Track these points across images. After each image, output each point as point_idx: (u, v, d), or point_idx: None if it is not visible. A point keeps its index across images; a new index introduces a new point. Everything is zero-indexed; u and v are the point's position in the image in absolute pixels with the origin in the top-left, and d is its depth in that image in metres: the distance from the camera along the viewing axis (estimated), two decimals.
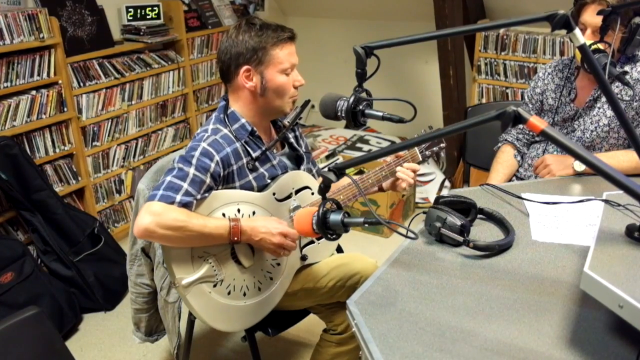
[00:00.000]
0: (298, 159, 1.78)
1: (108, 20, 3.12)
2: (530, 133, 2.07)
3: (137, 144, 3.34)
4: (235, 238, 1.46)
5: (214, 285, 1.51)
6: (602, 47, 1.62)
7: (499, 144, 2.13)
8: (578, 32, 1.02)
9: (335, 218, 1.15)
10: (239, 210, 1.53)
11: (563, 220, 1.49)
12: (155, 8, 3.33)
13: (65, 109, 2.86)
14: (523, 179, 2.02)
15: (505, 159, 2.06)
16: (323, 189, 1.18)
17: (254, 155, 1.59)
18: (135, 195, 1.73)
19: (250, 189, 1.58)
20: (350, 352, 1.72)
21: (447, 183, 3.69)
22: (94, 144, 3.08)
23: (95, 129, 3.06)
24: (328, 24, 4.42)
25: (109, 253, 2.76)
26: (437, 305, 1.17)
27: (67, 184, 2.94)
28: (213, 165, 1.48)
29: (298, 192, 1.67)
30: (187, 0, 3.63)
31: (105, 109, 3.09)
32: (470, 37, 3.62)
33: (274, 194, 1.61)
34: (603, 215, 1.24)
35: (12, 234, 2.68)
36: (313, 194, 1.70)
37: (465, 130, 1.96)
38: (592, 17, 1.69)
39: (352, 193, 1.69)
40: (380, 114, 1.27)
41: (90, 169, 3.08)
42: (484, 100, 3.65)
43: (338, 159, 3.94)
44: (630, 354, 1.00)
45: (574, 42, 1.04)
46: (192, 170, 1.45)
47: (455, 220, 1.36)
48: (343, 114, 1.30)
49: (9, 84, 2.60)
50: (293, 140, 1.76)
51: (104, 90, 3.06)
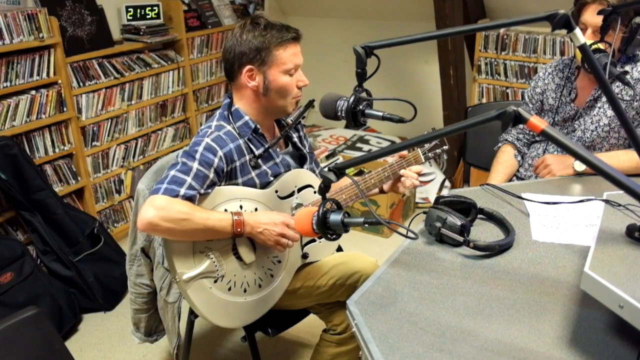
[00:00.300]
0: (301, 159, 1.78)
1: (108, 20, 3.12)
2: (531, 133, 2.07)
3: (136, 144, 3.34)
4: (239, 229, 1.46)
5: (215, 281, 1.52)
6: (602, 47, 1.61)
7: (499, 144, 2.13)
8: (578, 31, 1.02)
9: (335, 218, 1.15)
10: (241, 207, 1.54)
11: (563, 220, 1.49)
12: (155, 8, 3.33)
13: (65, 109, 2.86)
14: (523, 179, 2.02)
15: (506, 159, 2.06)
16: (323, 189, 1.18)
17: (257, 153, 1.59)
18: (135, 195, 1.73)
19: (253, 186, 1.59)
20: (350, 352, 1.72)
21: (447, 183, 3.68)
22: (94, 144, 3.08)
23: (95, 129, 3.06)
24: (328, 24, 4.42)
25: (109, 253, 2.76)
26: (437, 306, 1.17)
27: (66, 184, 2.94)
28: (216, 161, 1.48)
29: (300, 190, 1.67)
30: (186, 0, 3.63)
31: (105, 109, 3.09)
32: (471, 36, 3.61)
33: (277, 192, 1.62)
34: (603, 215, 1.24)
35: (11, 234, 2.68)
36: (315, 193, 1.71)
37: (466, 130, 1.95)
38: (592, 16, 1.69)
39: (354, 193, 1.69)
40: (381, 114, 1.27)
41: (90, 169, 3.08)
42: (484, 100, 3.65)
43: (338, 159, 3.94)
44: (631, 354, 1.00)
45: (575, 42, 1.04)
46: (195, 165, 1.45)
47: (456, 220, 1.36)
48: (343, 114, 1.30)
49: (9, 84, 2.60)
50: (297, 140, 1.77)
51: (104, 90, 3.06)
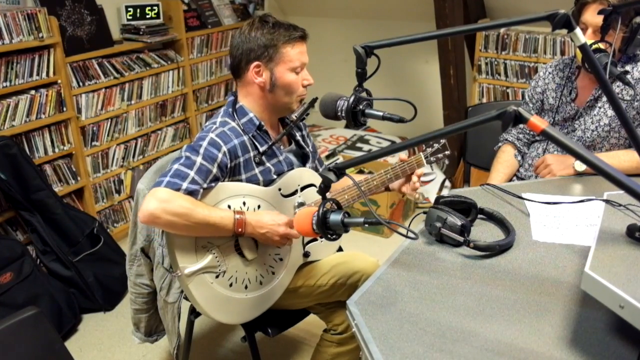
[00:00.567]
0: (304, 157, 1.79)
1: (107, 20, 3.12)
2: (531, 133, 2.06)
3: (136, 144, 3.34)
4: (240, 229, 1.48)
5: (217, 276, 1.52)
6: (603, 46, 1.61)
7: (500, 144, 2.13)
8: (579, 31, 1.02)
9: (335, 218, 1.15)
10: (245, 203, 1.55)
11: (564, 221, 1.49)
12: (155, 7, 3.32)
13: (65, 109, 2.85)
14: (523, 179, 2.02)
15: (506, 159, 2.06)
16: (323, 189, 1.18)
17: (261, 150, 1.60)
18: (135, 195, 1.73)
19: (257, 183, 1.60)
20: (351, 352, 1.72)
21: (447, 183, 3.68)
22: (94, 144, 3.07)
23: (95, 129, 3.06)
24: (328, 23, 4.42)
25: (109, 253, 2.75)
26: (437, 306, 1.17)
27: (66, 184, 2.94)
28: (220, 156, 1.49)
29: (303, 189, 1.68)
30: (186, 0, 3.63)
31: (105, 109, 3.09)
32: (471, 36, 3.61)
33: (280, 190, 1.63)
34: (604, 216, 1.24)
35: (11, 234, 2.68)
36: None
37: (466, 130, 1.95)
38: (593, 16, 1.69)
39: (356, 193, 1.71)
40: (381, 114, 1.27)
41: (90, 169, 3.07)
42: (485, 100, 3.64)
43: (338, 159, 3.93)
44: (631, 354, 1.00)
45: (575, 41, 1.04)
46: (199, 159, 1.46)
47: (456, 220, 1.36)
48: (343, 114, 1.29)
49: (8, 84, 2.59)
50: (300, 138, 1.78)
51: (104, 90, 3.05)
